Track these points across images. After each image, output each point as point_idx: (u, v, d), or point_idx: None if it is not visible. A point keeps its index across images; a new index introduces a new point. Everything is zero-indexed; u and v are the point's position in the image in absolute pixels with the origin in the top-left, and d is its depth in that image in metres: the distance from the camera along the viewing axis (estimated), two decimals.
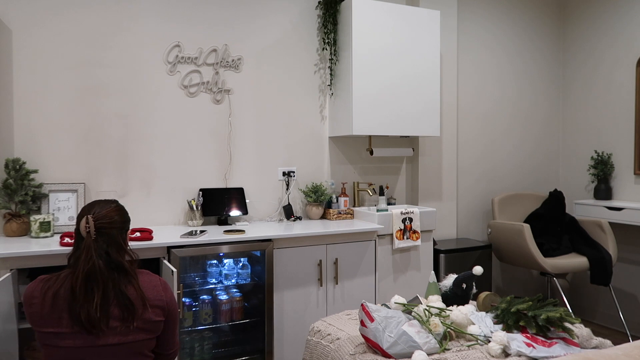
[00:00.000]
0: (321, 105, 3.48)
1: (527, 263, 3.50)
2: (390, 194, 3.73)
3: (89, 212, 1.61)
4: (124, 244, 1.65)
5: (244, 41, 3.22)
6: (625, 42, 3.86)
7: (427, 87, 3.40)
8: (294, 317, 2.83)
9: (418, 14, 3.37)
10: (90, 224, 1.57)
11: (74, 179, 2.82)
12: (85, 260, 1.54)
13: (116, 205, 1.69)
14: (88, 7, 2.84)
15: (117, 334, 1.54)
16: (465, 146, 4.00)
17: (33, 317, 1.52)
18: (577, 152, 4.27)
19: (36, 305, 1.51)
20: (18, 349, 2.22)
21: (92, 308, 1.50)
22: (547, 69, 4.36)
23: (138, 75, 2.96)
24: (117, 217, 1.65)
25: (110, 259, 1.58)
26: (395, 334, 1.75)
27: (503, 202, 3.91)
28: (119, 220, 1.66)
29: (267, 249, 2.72)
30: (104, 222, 1.60)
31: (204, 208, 3.02)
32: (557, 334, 1.87)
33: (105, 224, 1.60)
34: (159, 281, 1.68)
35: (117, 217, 1.65)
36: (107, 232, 1.60)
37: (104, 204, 1.66)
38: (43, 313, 1.51)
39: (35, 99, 2.74)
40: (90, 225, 1.57)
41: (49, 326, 1.51)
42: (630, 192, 3.83)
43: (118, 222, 1.65)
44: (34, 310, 1.52)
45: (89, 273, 1.53)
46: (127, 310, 1.55)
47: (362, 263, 3.00)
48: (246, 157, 3.25)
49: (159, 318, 1.62)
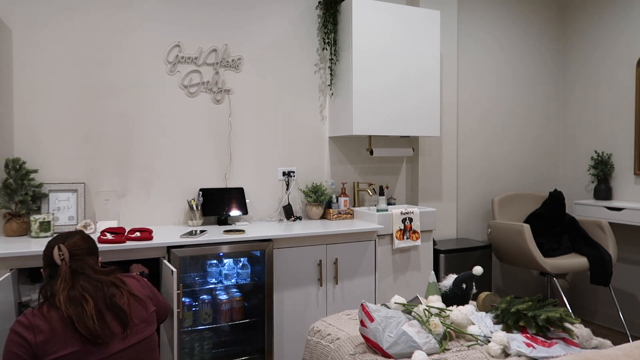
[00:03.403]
0: (321, 105, 3.48)
1: (527, 263, 3.50)
2: (390, 194, 3.73)
3: (57, 242, 1.70)
4: (97, 266, 1.75)
5: (244, 41, 3.22)
6: (625, 42, 3.86)
7: (427, 87, 3.40)
8: (294, 317, 2.83)
9: (418, 14, 3.37)
10: (64, 251, 1.67)
11: (74, 178, 2.82)
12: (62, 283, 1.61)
13: (82, 234, 1.79)
14: (88, 7, 2.84)
15: (124, 339, 1.63)
16: (465, 146, 4.00)
17: (43, 345, 1.53)
18: (577, 152, 4.27)
19: (44, 333, 1.53)
20: None
21: (90, 321, 1.56)
22: (547, 69, 4.36)
23: (138, 75, 2.96)
24: (84, 244, 1.75)
25: (89, 278, 1.67)
26: (395, 334, 1.76)
27: (503, 202, 3.91)
28: (87, 247, 1.75)
29: (267, 249, 2.72)
30: (75, 249, 1.70)
31: (204, 208, 3.02)
32: (557, 334, 1.87)
33: (77, 251, 1.70)
34: (139, 280, 1.85)
35: (85, 245, 1.74)
36: (79, 258, 1.69)
37: (70, 235, 1.77)
38: (53, 338, 1.54)
39: (36, 98, 2.74)
40: (64, 252, 1.67)
41: (60, 350, 1.54)
42: (630, 192, 3.83)
43: (86, 249, 1.74)
44: (43, 339, 1.53)
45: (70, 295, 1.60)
46: (121, 318, 1.65)
47: (362, 263, 3.00)
48: (246, 157, 3.25)
49: (152, 308, 1.79)
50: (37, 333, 1.53)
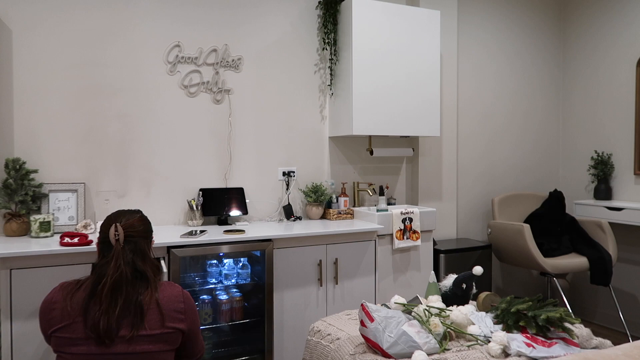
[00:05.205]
0: (321, 105, 3.48)
1: (527, 263, 3.50)
2: (390, 194, 3.73)
3: (116, 220, 1.67)
4: (149, 253, 1.71)
5: (244, 41, 3.22)
6: (625, 42, 3.86)
7: (427, 87, 3.40)
8: (294, 317, 2.83)
9: (418, 14, 3.37)
10: (120, 232, 1.63)
11: (74, 178, 2.82)
12: (114, 267, 1.58)
13: (140, 215, 1.76)
14: (88, 7, 2.84)
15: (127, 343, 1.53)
16: (465, 146, 4.00)
17: (52, 321, 1.53)
18: (577, 152, 4.27)
19: (57, 310, 1.53)
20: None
21: (113, 318, 1.52)
22: (547, 69, 4.36)
23: (138, 75, 2.96)
24: (142, 226, 1.72)
25: (136, 267, 1.62)
26: (395, 334, 1.75)
27: (503, 202, 3.91)
28: (144, 229, 1.72)
29: (267, 249, 2.72)
30: (132, 230, 1.66)
31: (204, 208, 3.02)
32: (557, 334, 1.87)
33: (133, 232, 1.66)
34: (181, 292, 1.69)
35: (142, 227, 1.72)
36: (134, 240, 1.66)
37: (129, 214, 1.73)
38: (63, 317, 1.52)
39: (36, 98, 2.74)
40: (120, 232, 1.63)
41: (66, 331, 1.52)
42: (630, 192, 3.83)
43: (143, 232, 1.71)
44: (55, 315, 1.53)
45: (116, 281, 1.56)
46: (137, 317, 1.55)
47: (362, 263, 3.00)
48: (246, 157, 3.25)
49: (175, 327, 1.61)
50: (51, 309, 1.54)
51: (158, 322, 1.57)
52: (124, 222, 1.67)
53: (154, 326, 1.57)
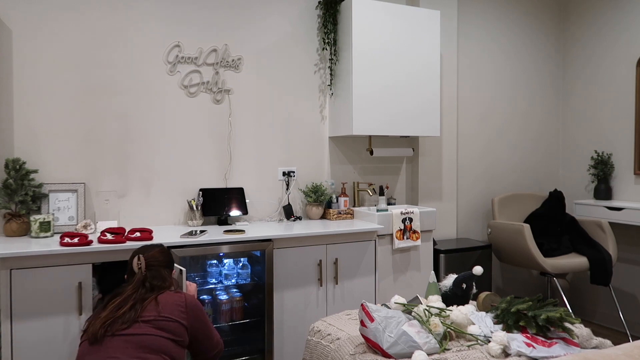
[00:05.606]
0: (321, 105, 3.48)
1: (527, 263, 3.50)
2: (390, 194, 3.73)
3: (139, 253, 2.01)
4: (168, 277, 2.01)
5: (244, 41, 3.22)
6: (625, 42, 3.86)
7: (427, 87, 3.40)
8: (294, 317, 2.83)
9: (418, 14, 3.37)
10: (142, 262, 1.97)
11: (74, 179, 2.82)
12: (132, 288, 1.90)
13: (161, 247, 2.09)
14: (88, 7, 2.84)
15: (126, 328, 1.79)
16: (465, 146, 4.00)
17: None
18: (577, 152, 4.27)
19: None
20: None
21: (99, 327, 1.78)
22: (547, 69, 4.36)
23: (138, 75, 2.96)
24: (162, 257, 2.05)
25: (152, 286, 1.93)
26: (395, 334, 1.76)
27: (503, 202, 3.91)
28: (164, 259, 2.05)
29: (267, 249, 2.72)
30: (153, 260, 2.00)
31: (204, 208, 3.02)
32: (557, 334, 1.87)
33: (154, 262, 1.99)
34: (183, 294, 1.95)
35: (162, 257, 2.05)
36: (154, 268, 1.98)
37: (151, 247, 2.07)
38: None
39: (36, 98, 2.74)
40: (142, 262, 1.97)
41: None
42: (630, 192, 3.83)
43: (163, 262, 2.04)
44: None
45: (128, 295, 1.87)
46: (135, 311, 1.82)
47: (362, 263, 3.00)
48: (246, 157, 3.25)
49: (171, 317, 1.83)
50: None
51: (153, 310, 1.82)
52: (146, 254, 2.00)
53: (149, 313, 1.81)
